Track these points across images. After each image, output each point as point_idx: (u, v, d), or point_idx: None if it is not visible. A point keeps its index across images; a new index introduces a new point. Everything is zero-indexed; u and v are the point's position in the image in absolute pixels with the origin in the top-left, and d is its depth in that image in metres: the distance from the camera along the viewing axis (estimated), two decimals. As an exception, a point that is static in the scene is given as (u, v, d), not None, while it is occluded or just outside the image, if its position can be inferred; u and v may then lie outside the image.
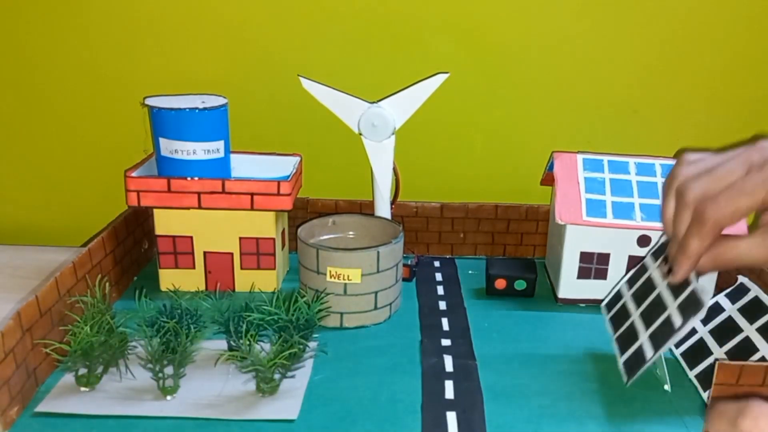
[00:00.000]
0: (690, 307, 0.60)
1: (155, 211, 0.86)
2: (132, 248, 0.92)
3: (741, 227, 0.84)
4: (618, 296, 0.76)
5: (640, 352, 0.65)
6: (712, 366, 0.62)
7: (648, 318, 0.67)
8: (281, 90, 1.01)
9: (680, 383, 0.71)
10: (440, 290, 0.92)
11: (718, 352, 0.70)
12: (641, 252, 0.85)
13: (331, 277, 0.80)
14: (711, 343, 0.72)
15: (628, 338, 0.69)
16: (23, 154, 1.07)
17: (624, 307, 0.73)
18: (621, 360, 0.68)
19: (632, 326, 0.69)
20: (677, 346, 0.76)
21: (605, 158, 0.90)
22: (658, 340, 0.64)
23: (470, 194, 1.04)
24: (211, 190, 0.84)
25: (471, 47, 1.01)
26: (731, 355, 0.69)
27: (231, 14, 0.99)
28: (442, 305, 0.88)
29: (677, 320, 0.62)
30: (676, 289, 0.64)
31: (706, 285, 0.60)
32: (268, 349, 0.66)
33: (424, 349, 0.77)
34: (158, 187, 0.84)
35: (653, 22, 1.00)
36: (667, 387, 0.70)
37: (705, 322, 0.76)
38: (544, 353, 0.77)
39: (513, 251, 1.03)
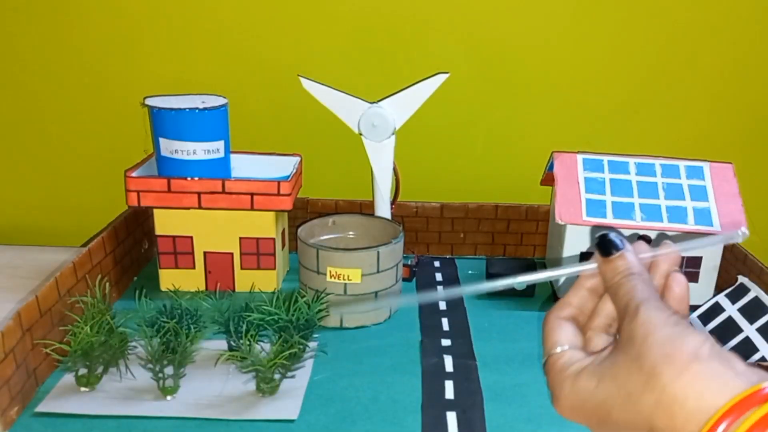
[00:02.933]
0: None
1: (155, 211, 0.86)
2: (132, 248, 0.92)
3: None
4: None
5: None
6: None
7: None
8: (281, 90, 1.01)
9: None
10: (440, 290, 0.92)
11: (718, 352, 0.70)
12: (641, 252, 0.85)
13: (331, 277, 0.80)
14: (711, 343, 0.72)
15: None
16: (23, 154, 1.07)
17: None
18: None
19: None
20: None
21: (605, 158, 0.90)
22: None
23: (470, 194, 1.04)
24: (211, 190, 0.84)
25: (471, 47, 1.01)
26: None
27: (231, 15, 0.99)
28: (442, 305, 0.88)
29: None
30: None
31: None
32: (268, 349, 0.66)
33: (424, 349, 0.77)
34: (158, 187, 0.84)
35: (653, 22, 1.00)
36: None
37: (705, 322, 0.76)
38: (544, 353, 0.77)
39: (513, 251, 1.03)
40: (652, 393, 0.34)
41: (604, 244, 0.42)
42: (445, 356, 0.75)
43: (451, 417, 0.65)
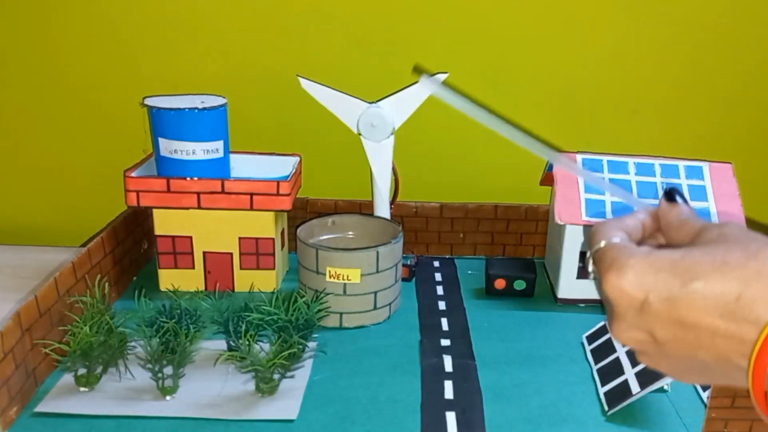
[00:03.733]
0: None
1: (155, 211, 0.86)
2: (132, 248, 0.92)
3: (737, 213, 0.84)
4: (602, 331, 0.78)
5: (625, 386, 0.67)
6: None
7: (635, 356, 0.69)
8: (281, 90, 1.01)
9: (679, 383, 0.71)
10: (440, 290, 0.92)
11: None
12: (641, 252, 0.85)
13: (330, 277, 0.80)
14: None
15: (611, 371, 0.71)
16: (23, 154, 1.07)
17: (609, 342, 0.75)
18: (602, 390, 0.70)
19: (617, 361, 0.71)
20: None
21: (605, 158, 0.90)
22: (645, 378, 0.65)
23: (470, 194, 1.04)
24: (210, 190, 0.84)
25: (471, 47, 1.01)
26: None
27: (231, 15, 0.99)
28: (442, 305, 0.88)
29: None
30: None
31: None
32: (268, 349, 0.66)
33: (423, 349, 0.77)
34: (158, 187, 0.84)
35: (653, 22, 1.00)
36: (666, 387, 0.69)
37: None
38: (544, 353, 0.77)
39: (513, 251, 1.03)
40: (756, 261, 0.37)
41: (671, 194, 0.46)
42: (444, 356, 0.75)
43: (451, 417, 0.65)
